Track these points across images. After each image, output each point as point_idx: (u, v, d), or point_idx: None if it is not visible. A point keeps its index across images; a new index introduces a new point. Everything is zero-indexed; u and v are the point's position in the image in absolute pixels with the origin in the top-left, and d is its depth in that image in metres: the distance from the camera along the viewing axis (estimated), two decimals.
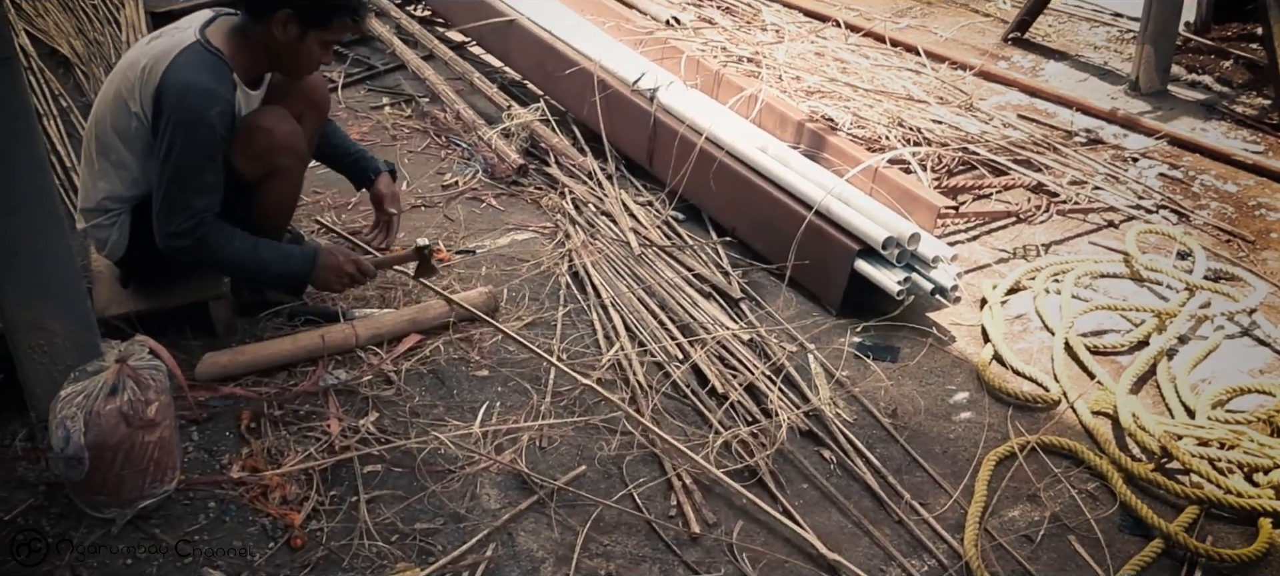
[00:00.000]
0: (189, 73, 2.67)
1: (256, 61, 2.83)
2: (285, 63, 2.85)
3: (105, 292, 3.03)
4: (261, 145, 2.84)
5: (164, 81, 2.66)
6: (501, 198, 3.99)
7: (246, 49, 2.79)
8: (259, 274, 2.95)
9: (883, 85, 4.83)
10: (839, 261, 3.31)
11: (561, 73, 4.40)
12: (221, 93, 2.70)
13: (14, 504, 2.45)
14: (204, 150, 2.68)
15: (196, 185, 2.70)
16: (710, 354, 3.08)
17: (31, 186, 2.39)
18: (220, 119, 2.69)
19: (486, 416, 2.81)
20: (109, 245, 2.91)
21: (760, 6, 5.97)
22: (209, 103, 2.66)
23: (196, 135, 2.65)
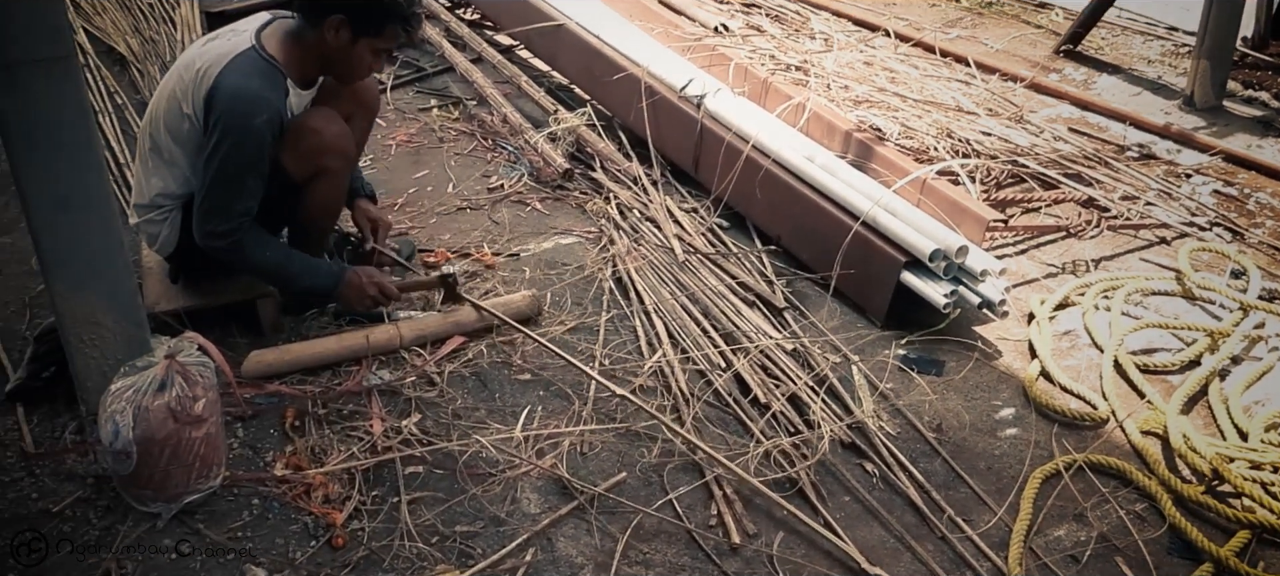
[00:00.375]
0: (242, 78, 2.70)
1: (309, 65, 2.86)
2: (337, 67, 2.88)
3: (155, 288, 3.07)
4: (310, 146, 2.86)
5: (217, 85, 2.70)
6: (546, 201, 3.99)
7: (300, 53, 2.82)
8: (287, 283, 3.00)
9: (932, 96, 4.79)
10: (885, 273, 3.28)
11: (609, 78, 4.40)
12: (272, 100, 2.74)
13: (62, 496, 2.48)
14: (249, 156, 2.72)
15: (238, 189, 2.74)
16: (753, 363, 3.06)
17: (87, 183, 2.43)
18: (268, 126, 2.72)
19: (528, 421, 2.81)
20: (160, 241, 2.95)
21: (809, 15, 5.95)
22: (258, 110, 2.70)
23: (243, 141, 2.69)
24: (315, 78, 2.94)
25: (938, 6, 6.59)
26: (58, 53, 2.29)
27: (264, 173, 2.79)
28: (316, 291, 3.01)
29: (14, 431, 2.69)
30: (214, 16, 5.30)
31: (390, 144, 4.46)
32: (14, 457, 2.61)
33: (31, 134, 2.33)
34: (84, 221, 2.46)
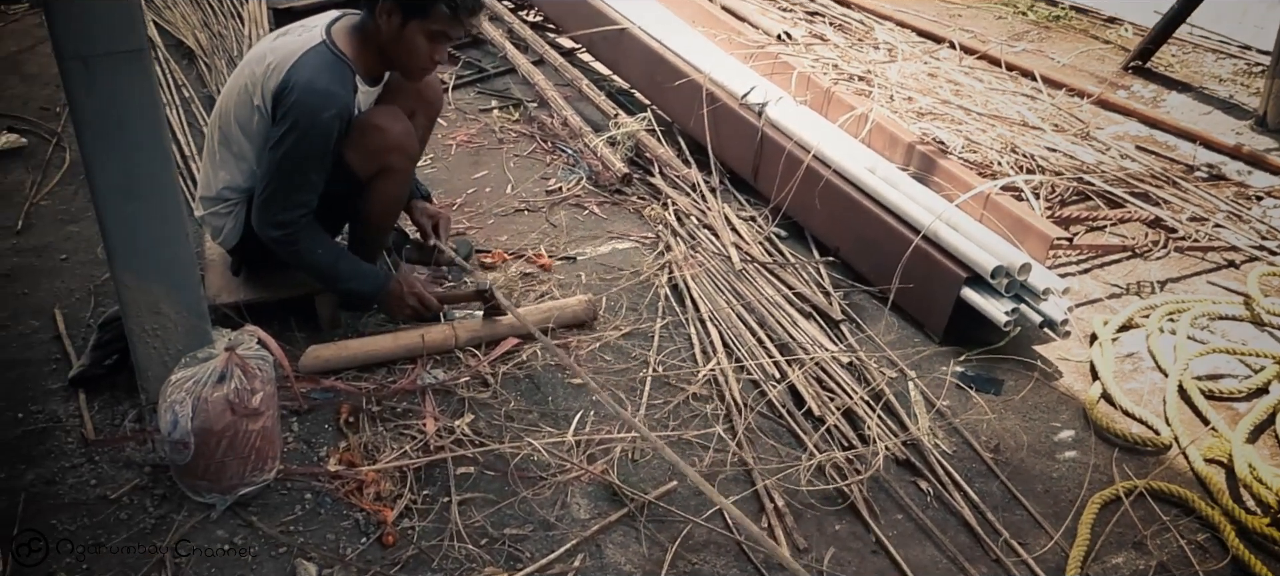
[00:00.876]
0: (311, 73, 2.73)
1: (373, 59, 2.88)
2: (395, 58, 2.87)
3: (217, 280, 3.11)
4: (375, 144, 2.88)
5: (286, 79, 2.72)
6: (604, 206, 3.99)
7: (366, 47, 2.85)
8: (333, 283, 3.00)
9: (996, 110, 4.73)
10: (945, 288, 3.24)
11: (670, 84, 4.39)
12: (340, 95, 2.75)
13: (120, 483, 2.52)
14: (314, 149, 2.74)
15: (300, 182, 2.76)
16: (808, 375, 3.03)
17: (155, 174, 2.46)
18: (335, 121, 2.74)
19: (580, 425, 2.81)
20: (224, 233, 2.99)
21: (873, 25, 5.89)
22: (327, 104, 2.71)
23: (310, 134, 2.71)
24: (381, 73, 2.96)
25: (1004, 19, 6.50)
26: (132, 46, 2.33)
27: (327, 167, 2.81)
28: (360, 294, 3.02)
29: (75, 417, 2.73)
30: (281, 13, 5.37)
31: (450, 144, 4.48)
32: (74, 443, 2.65)
33: (103, 125, 2.37)
34: (151, 212, 2.50)
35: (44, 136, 4.34)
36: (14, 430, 2.70)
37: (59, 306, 3.19)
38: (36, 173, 4.03)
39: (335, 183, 2.87)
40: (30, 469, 2.56)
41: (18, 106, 4.64)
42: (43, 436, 2.67)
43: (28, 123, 4.46)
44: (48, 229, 3.64)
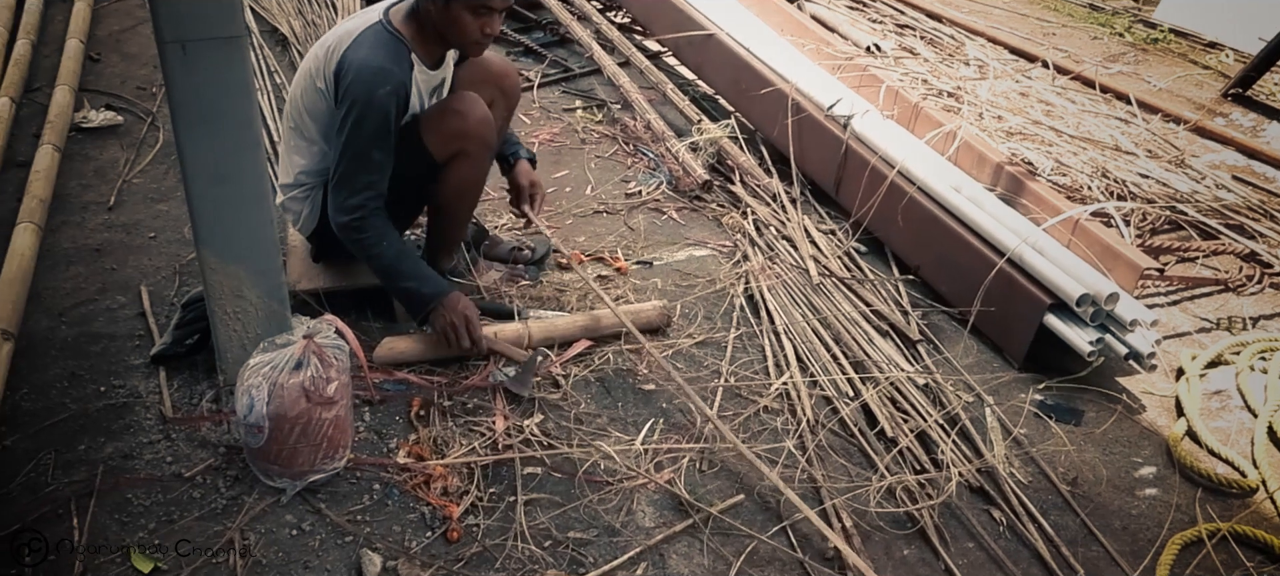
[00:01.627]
0: (366, 52, 2.76)
1: (430, 39, 2.89)
2: (448, 36, 2.87)
3: (297, 267, 3.15)
4: (453, 128, 2.89)
5: (343, 60, 2.77)
6: (683, 211, 3.97)
7: (421, 30, 2.87)
8: (393, 279, 2.94)
9: (1088, 132, 4.62)
10: (1028, 313, 3.16)
11: (756, 92, 4.36)
12: (394, 72, 2.77)
13: (195, 462, 2.56)
14: (375, 127, 2.75)
15: (364, 162, 2.78)
16: (882, 394, 2.99)
17: (244, 159, 2.50)
18: (391, 98, 2.75)
19: (649, 433, 2.79)
20: (302, 219, 3.03)
21: (965, 40, 5.80)
22: (380, 81, 2.73)
23: (368, 113, 2.73)
24: (440, 55, 2.96)
25: (1100, 40, 6.36)
26: (230, 33, 2.37)
27: (390, 147, 2.82)
28: (419, 297, 2.93)
29: (155, 394, 2.78)
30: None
31: (533, 142, 4.50)
32: (153, 420, 2.70)
33: (197, 109, 2.41)
34: (238, 196, 2.54)
35: (139, 115, 4.44)
36: (96, 403, 2.76)
37: (145, 283, 3.25)
38: (130, 151, 4.12)
39: (412, 166, 2.89)
40: (109, 442, 2.62)
41: (116, 85, 4.75)
42: (123, 411, 2.73)
43: (125, 101, 4.57)
44: (138, 206, 3.73)
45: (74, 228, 3.56)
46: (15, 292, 3.06)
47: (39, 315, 3.09)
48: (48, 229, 3.51)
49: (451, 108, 2.90)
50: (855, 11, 6.10)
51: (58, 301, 3.17)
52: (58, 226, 3.56)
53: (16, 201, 3.60)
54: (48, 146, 3.95)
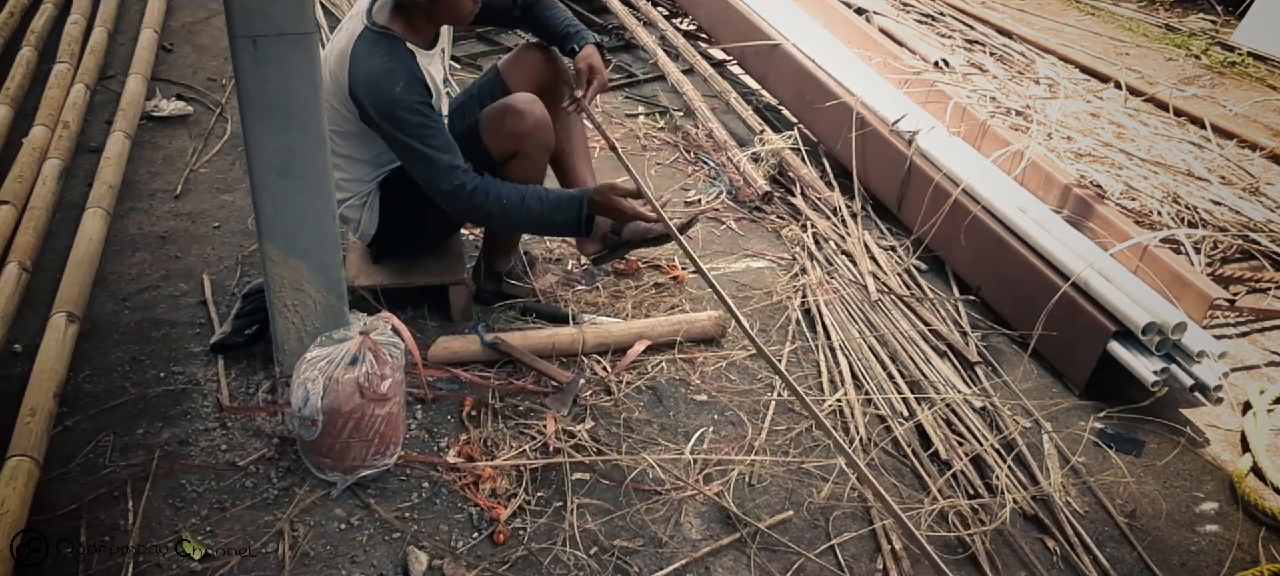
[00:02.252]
0: (365, 61, 2.76)
1: (418, 21, 2.87)
2: (437, 15, 2.86)
3: (355, 263, 3.18)
4: (511, 127, 2.90)
5: (352, 81, 2.77)
6: (742, 222, 3.95)
7: (408, 17, 2.85)
8: (529, 220, 2.88)
9: (1160, 156, 4.52)
10: (1091, 339, 3.10)
11: (820, 104, 4.33)
12: (398, 66, 2.76)
13: (249, 451, 2.59)
14: (415, 120, 2.74)
15: (433, 145, 2.75)
16: (937, 415, 2.94)
17: (309, 155, 2.53)
18: (409, 85, 2.74)
19: (698, 443, 2.77)
20: (361, 227, 3.05)
21: (1035, 58, 5.71)
22: (392, 79, 2.73)
23: (398, 112, 2.73)
24: (432, 34, 2.94)
25: (1175, 61, 6.23)
26: (300, 29, 2.39)
27: (438, 123, 2.80)
28: (560, 226, 2.89)
29: (213, 382, 2.82)
30: None
31: (594, 147, 4.49)
32: (210, 407, 2.73)
33: (265, 103, 2.44)
34: (302, 190, 2.57)
35: (208, 106, 4.51)
36: (156, 388, 2.80)
37: (207, 272, 3.30)
38: (199, 140, 4.18)
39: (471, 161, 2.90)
40: (166, 427, 2.66)
41: (188, 75, 4.83)
42: (181, 397, 2.77)
43: (195, 92, 4.64)
44: (204, 196, 3.78)
45: (141, 214, 3.62)
46: (82, 276, 3.12)
47: (104, 299, 3.15)
48: (116, 215, 3.57)
49: (512, 106, 2.91)
50: (924, 26, 6.03)
51: (123, 286, 3.22)
52: (126, 212, 3.62)
53: (87, 186, 3.68)
54: (119, 133, 4.02)
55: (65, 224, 3.49)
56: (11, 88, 4.36)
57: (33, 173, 3.69)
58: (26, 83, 4.49)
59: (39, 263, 3.27)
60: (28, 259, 3.20)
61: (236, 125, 4.24)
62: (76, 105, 4.25)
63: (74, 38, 4.93)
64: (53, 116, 4.13)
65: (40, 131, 3.97)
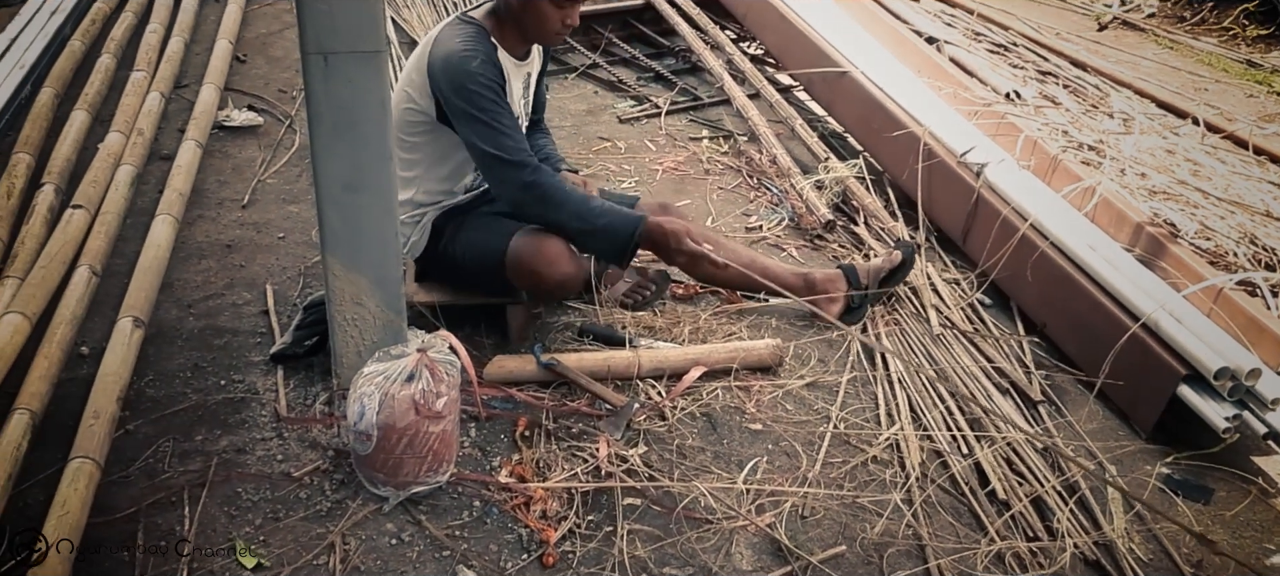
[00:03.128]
0: (447, 42, 2.86)
1: (509, 26, 2.95)
2: (525, 27, 2.93)
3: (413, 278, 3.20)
4: (533, 280, 2.97)
5: (430, 61, 2.85)
6: (803, 249, 3.92)
7: (500, 21, 2.94)
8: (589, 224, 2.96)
9: (1238, 196, 4.40)
10: (1160, 382, 3.02)
11: (887, 133, 4.28)
12: (478, 48, 2.84)
13: (304, 463, 2.61)
14: (488, 96, 2.81)
15: (501, 127, 2.81)
16: (997, 454, 2.88)
17: (376, 170, 2.56)
18: (484, 65, 2.82)
19: (752, 473, 2.74)
20: (411, 244, 3.09)
21: (1110, 91, 5.60)
22: (468, 58, 2.81)
23: (473, 88, 2.79)
24: (517, 43, 3.00)
25: (1255, 98, 6.08)
26: (371, 48, 2.43)
27: (510, 112, 2.88)
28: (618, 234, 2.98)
29: (272, 392, 2.85)
30: None
31: (656, 169, 4.50)
32: (268, 417, 2.76)
33: (334, 119, 2.47)
34: (367, 206, 2.60)
35: (278, 117, 4.59)
36: (216, 395, 2.84)
37: (270, 282, 3.34)
38: (267, 151, 4.25)
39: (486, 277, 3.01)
40: (225, 435, 2.69)
41: (259, 86, 4.92)
42: (240, 406, 2.80)
43: (265, 103, 4.73)
44: (270, 206, 3.84)
45: (209, 222, 3.69)
46: (149, 282, 3.18)
47: (169, 305, 3.21)
48: (184, 222, 3.64)
49: (543, 255, 2.93)
50: (996, 56, 5.95)
51: (188, 293, 3.28)
52: (194, 220, 3.69)
53: (158, 193, 3.75)
54: (191, 142, 4.10)
55: (135, 229, 3.56)
56: (90, 94, 4.47)
57: (107, 178, 3.77)
58: (104, 89, 4.60)
59: (109, 267, 3.34)
60: (98, 263, 3.27)
61: (305, 137, 4.30)
62: (151, 113, 4.34)
63: (152, 46, 5.04)
64: (128, 123, 4.22)
65: (115, 138, 4.06)
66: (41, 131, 4.17)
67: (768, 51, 5.71)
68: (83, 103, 4.39)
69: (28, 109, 4.36)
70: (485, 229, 3.02)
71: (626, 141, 4.78)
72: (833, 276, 3.40)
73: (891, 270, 3.46)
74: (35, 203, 3.56)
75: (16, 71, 4.64)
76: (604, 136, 4.81)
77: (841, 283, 3.39)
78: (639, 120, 5.04)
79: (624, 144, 4.75)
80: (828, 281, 3.38)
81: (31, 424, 2.55)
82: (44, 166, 3.86)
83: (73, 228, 3.40)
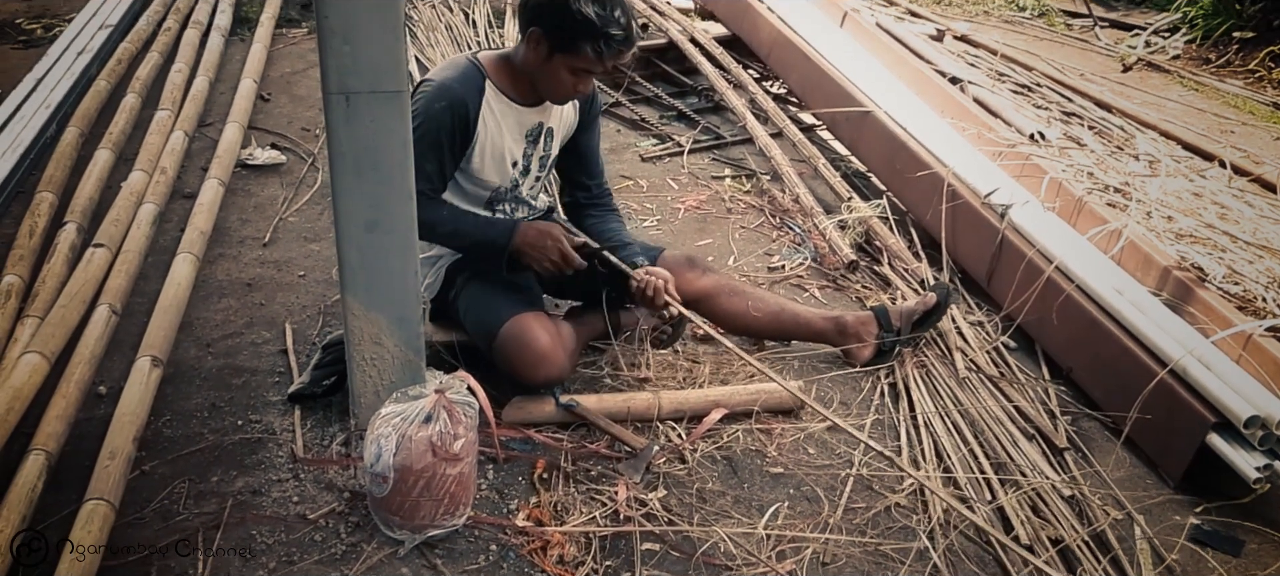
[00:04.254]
0: (435, 74, 2.92)
1: (517, 75, 2.97)
2: (537, 82, 2.94)
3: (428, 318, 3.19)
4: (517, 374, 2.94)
5: (417, 86, 2.91)
6: (826, 290, 3.88)
7: (511, 67, 2.96)
8: (463, 240, 3.01)
9: (1267, 240, 4.34)
10: (1189, 430, 2.96)
11: (911, 173, 4.25)
12: (454, 90, 2.86)
13: (319, 504, 2.59)
14: (425, 137, 2.81)
15: (418, 167, 2.76)
16: (1022, 499, 2.83)
17: (396, 210, 2.56)
18: (445, 113, 2.84)
19: (773, 518, 2.70)
20: (426, 285, 3.10)
21: (1135, 132, 5.56)
22: (438, 97, 2.84)
23: (422, 123, 2.80)
24: (526, 90, 2.99)
25: None
26: (393, 88, 2.43)
27: (441, 160, 2.90)
28: (493, 244, 2.98)
29: (289, 432, 2.83)
30: None
31: (679, 208, 4.48)
32: (284, 457, 2.74)
33: (355, 159, 2.47)
34: (387, 246, 2.59)
35: (301, 155, 4.60)
36: (233, 436, 2.82)
37: (290, 321, 3.33)
38: (289, 189, 4.26)
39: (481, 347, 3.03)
40: (241, 476, 2.67)
41: (283, 124, 4.94)
42: (257, 446, 2.78)
43: (289, 141, 4.74)
44: (291, 244, 3.84)
45: (230, 261, 3.69)
46: (169, 321, 3.17)
47: (188, 344, 3.20)
48: (205, 260, 3.64)
49: (527, 355, 2.90)
50: (1020, 96, 5.92)
51: (207, 332, 3.27)
52: (215, 258, 3.69)
53: (180, 232, 3.76)
54: (214, 181, 4.11)
55: (156, 267, 3.56)
56: (114, 133, 4.50)
57: (129, 216, 3.78)
58: (129, 129, 4.63)
59: (129, 306, 3.34)
60: (118, 302, 3.27)
61: (327, 176, 4.31)
62: (175, 152, 4.36)
63: (177, 86, 5.08)
64: (152, 162, 4.24)
65: (138, 176, 4.08)
66: (65, 171, 4.19)
67: (790, 91, 5.70)
68: (107, 142, 4.41)
69: (52, 148, 4.39)
70: (485, 302, 3.00)
71: (649, 180, 4.77)
72: (864, 319, 3.36)
73: (925, 313, 3.42)
74: (57, 241, 3.57)
75: (42, 111, 4.68)
76: (626, 174, 4.80)
77: (872, 326, 3.36)
78: (661, 159, 5.03)
79: (646, 182, 4.74)
80: (859, 324, 3.35)
81: (47, 464, 2.54)
82: (67, 205, 3.87)
83: (94, 266, 3.40)
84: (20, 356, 2.91)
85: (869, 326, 3.36)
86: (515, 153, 3.03)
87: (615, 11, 2.79)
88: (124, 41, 5.79)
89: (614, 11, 2.78)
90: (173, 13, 6.41)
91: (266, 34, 6.18)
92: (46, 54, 5.46)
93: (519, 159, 3.06)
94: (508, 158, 3.02)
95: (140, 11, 6.47)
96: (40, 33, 6.38)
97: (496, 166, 3.01)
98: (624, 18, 2.81)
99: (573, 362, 3.06)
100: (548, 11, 2.80)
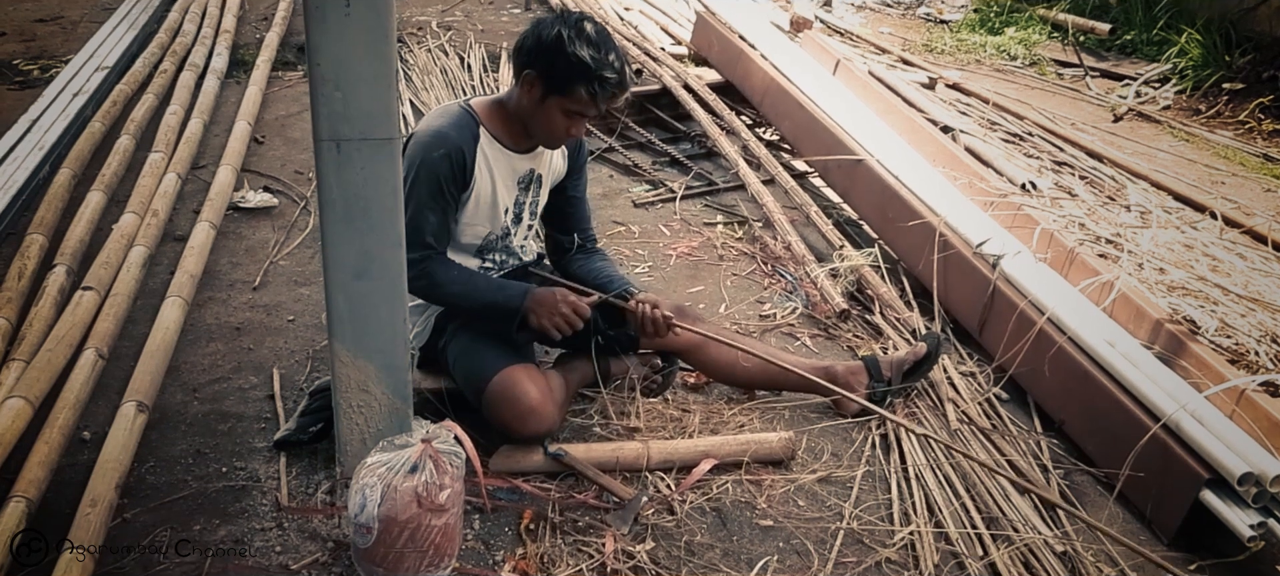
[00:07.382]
0: (430, 121, 2.92)
1: (510, 119, 2.97)
2: (531, 127, 2.94)
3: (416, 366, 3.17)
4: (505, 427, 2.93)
5: (409, 136, 2.90)
6: (817, 339, 3.87)
7: (505, 112, 2.97)
8: (474, 301, 2.97)
9: (1258, 292, 4.34)
10: (1182, 486, 2.94)
11: (903, 222, 4.25)
12: (450, 137, 2.86)
13: (302, 554, 2.55)
14: (425, 189, 2.83)
15: (420, 221, 2.82)
16: (1014, 554, 2.80)
17: (385, 257, 2.56)
18: (443, 161, 2.83)
19: (762, 572, 2.67)
20: (414, 333, 3.07)
21: (1126, 183, 5.57)
22: (434, 145, 2.83)
23: (419, 174, 2.82)
24: (519, 136, 3.00)
25: (1274, 193, 6.04)
26: (384, 135, 2.43)
27: (444, 210, 2.89)
28: (505, 307, 2.95)
29: (273, 480, 2.80)
30: None
31: (671, 254, 4.48)
32: (268, 506, 2.71)
33: (346, 205, 2.47)
34: (376, 293, 2.58)
35: (293, 199, 4.59)
36: (217, 483, 2.79)
37: (278, 366, 3.31)
38: (281, 232, 4.25)
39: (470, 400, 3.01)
40: (224, 525, 2.64)
41: (276, 167, 4.93)
42: (241, 494, 2.75)
43: (282, 184, 4.74)
44: (281, 288, 3.82)
45: (219, 304, 3.67)
46: (156, 365, 3.15)
47: (175, 388, 3.17)
48: (195, 304, 3.62)
49: (523, 404, 2.88)
50: (1011, 145, 5.94)
51: (194, 376, 3.25)
52: (204, 302, 3.67)
53: (170, 274, 3.74)
54: (205, 223, 4.10)
55: (145, 311, 3.54)
56: (107, 175, 4.49)
57: (119, 259, 3.77)
58: (122, 171, 4.63)
59: (116, 349, 3.32)
60: (106, 345, 3.25)
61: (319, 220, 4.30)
62: (167, 194, 4.36)
63: (172, 127, 5.08)
64: (143, 204, 4.23)
65: (130, 219, 4.07)
66: (57, 212, 4.18)
67: (783, 138, 5.72)
68: (99, 183, 4.40)
69: (45, 189, 4.38)
70: (473, 354, 2.97)
71: (641, 226, 4.76)
72: (854, 369, 3.35)
73: (915, 363, 3.41)
74: (46, 284, 3.55)
75: (35, 153, 4.67)
76: (618, 220, 4.80)
77: (863, 376, 3.34)
78: (654, 204, 5.03)
79: (638, 228, 4.73)
80: (849, 373, 3.33)
81: (27, 512, 2.50)
82: (57, 248, 3.86)
83: (82, 309, 3.38)
84: (4, 401, 2.88)
85: (859, 376, 3.35)
86: (507, 199, 3.03)
87: (609, 55, 2.81)
88: (120, 83, 5.81)
89: (608, 55, 2.81)
90: (169, 55, 6.43)
91: (262, 77, 6.19)
92: (42, 95, 5.47)
93: (510, 205, 3.06)
94: (500, 205, 3.01)
95: (137, 53, 6.50)
96: (37, 73, 6.39)
97: (489, 214, 3.01)
98: (618, 61, 2.83)
99: (562, 414, 3.04)
100: (542, 54, 2.81)
